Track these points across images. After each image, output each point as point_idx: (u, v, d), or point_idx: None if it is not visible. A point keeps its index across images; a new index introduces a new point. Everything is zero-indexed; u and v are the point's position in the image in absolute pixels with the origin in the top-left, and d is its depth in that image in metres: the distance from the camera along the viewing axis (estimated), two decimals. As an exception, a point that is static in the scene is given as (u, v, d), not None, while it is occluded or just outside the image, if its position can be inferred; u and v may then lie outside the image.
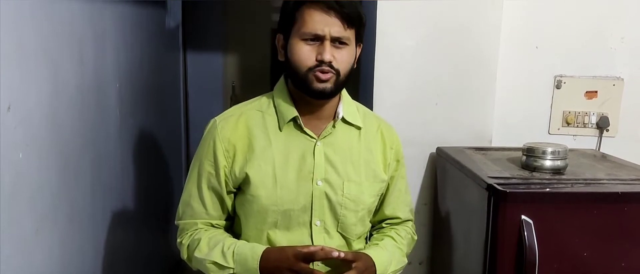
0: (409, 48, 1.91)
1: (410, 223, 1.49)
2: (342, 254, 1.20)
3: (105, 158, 1.70)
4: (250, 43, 3.63)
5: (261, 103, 1.34)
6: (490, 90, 1.94)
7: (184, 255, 1.33)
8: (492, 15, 1.90)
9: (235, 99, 3.50)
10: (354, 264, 1.22)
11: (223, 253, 1.25)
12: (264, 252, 1.22)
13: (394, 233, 1.42)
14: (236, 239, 1.30)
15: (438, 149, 1.92)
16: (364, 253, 1.29)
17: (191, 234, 1.32)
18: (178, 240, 1.36)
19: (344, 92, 1.35)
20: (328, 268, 1.28)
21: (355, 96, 1.42)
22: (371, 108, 1.90)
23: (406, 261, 1.42)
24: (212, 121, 1.32)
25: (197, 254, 1.28)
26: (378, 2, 1.88)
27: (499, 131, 1.99)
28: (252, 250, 1.23)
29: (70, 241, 1.42)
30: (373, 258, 1.28)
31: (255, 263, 1.21)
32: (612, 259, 1.43)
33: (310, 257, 1.19)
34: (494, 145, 1.98)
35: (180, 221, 1.36)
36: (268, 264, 1.21)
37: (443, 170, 1.89)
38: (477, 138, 1.96)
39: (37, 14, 1.21)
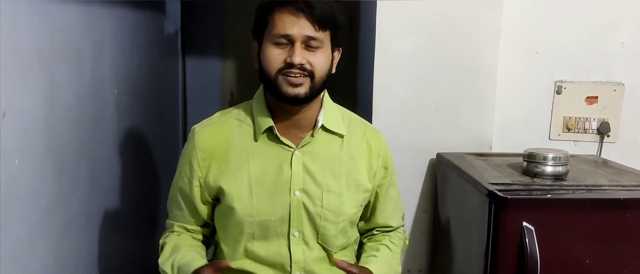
0: (408, 53, 1.90)
1: (401, 229, 1.48)
2: (345, 265, 1.19)
3: (102, 164, 1.68)
4: (249, 49, 3.61)
5: (240, 112, 1.33)
6: (490, 96, 1.93)
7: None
8: (492, 20, 1.89)
9: (234, 105, 3.49)
10: None
11: (172, 264, 1.26)
12: (194, 270, 1.20)
13: (388, 241, 1.40)
14: (192, 253, 1.28)
15: (438, 155, 1.91)
16: (364, 268, 1.27)
17: (167, 235, 1.36)
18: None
19: (327, 98, 1.33)
20: None
21: (353, 102, 1.40)
22: (370, 114, 1.89)
23: (399, 271, 1.40)
24: (192, 128, 1.33)
25: (160, 258, 1.31)
26: (377, 8, 1.87)
27: (499, 136, 1.98)
28: (188, 266, 1.22)
29: (65, 249, 1.40)
30: (373, 272, 1.25)
31: None
32: (614, 266, 1.42)
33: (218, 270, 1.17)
34: (494, 150, 1.97)
35: (167, 220, 1.40)
36: None
37: (443, 176, 1.88)
38: (477, 144, 1.95)
39: (34, 20, 1.19)
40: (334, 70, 1.28)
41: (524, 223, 1.38)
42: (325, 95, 1.32)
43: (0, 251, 1.06)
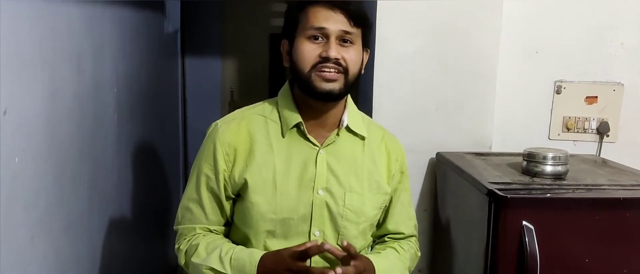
0: (409, 54, 1.90)
1: (413, 239, 1.45)
2: (334, 248, 1.17)
3: (102, 164, 1.68)
4: (249, 48, 3.63)
5: (264, 108, 1.31)
6: (490, 96, 1.94)
7: (182, 261, 1.30)
8: (492, 21, 1.89)
9: (234, 105, 3.50)
10: (353, 263, 1.18)
11: (220, 259, 1.21)
12: (261, 257, 1.19)
13: (397, 245, 1.39)
14: (234, 245, 1.27)
15: (438, 154, 1.92)
16: (365, 256, 1.26)
17: (189, 240, 1.29)
18: (176, 246, 1.33)
19: (350, 100, 1.32)
20: (327, 265, 1.24)
21: (354, 103, 1.40)
22: (371, 115, 1.89)
23: None
24: (213, 124, 1.30)
25: (194, 259, 1.24)
26: (377, 8, 1.87)
27: (498, 136, 1.99)
28: (250, 256, 1.20)
29: (66, 248, 1.40)
30: (374, 263, 1.24)
31: (252, 269, 1.18)
32: (613, 265, 1.42)
33: (305, 254, 1.16)
34: (493, 150, 1.97)
35: (179, 226, 1.32)
36: (265, 269, 1.18)
37: (443, 175, 1.88)
38: (477, 144, 1.95)
39: (35, 20, 1.20)
40: (363, 71, 1.27)
41: (524, 222, 1.38)
42: (348, 96, 1.31)
43: (1, 250, 1.06)
